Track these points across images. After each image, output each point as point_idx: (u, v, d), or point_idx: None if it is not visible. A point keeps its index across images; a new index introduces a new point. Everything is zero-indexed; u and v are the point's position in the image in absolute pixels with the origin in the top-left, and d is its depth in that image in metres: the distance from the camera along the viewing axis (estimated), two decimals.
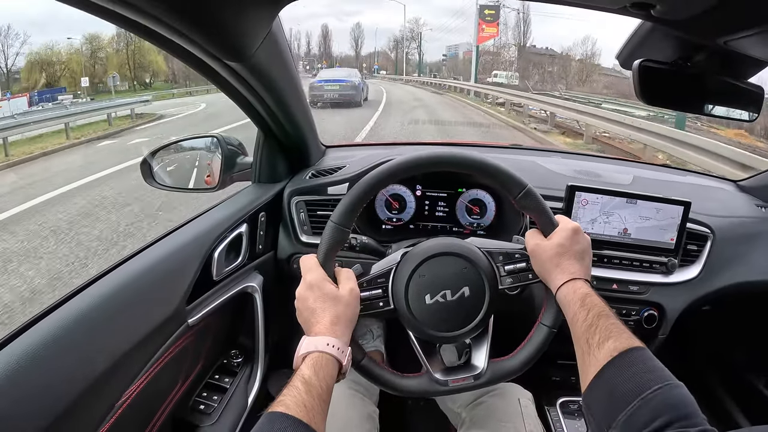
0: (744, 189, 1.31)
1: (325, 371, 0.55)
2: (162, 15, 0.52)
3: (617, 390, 0.50)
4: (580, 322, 0.58)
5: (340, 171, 1.08)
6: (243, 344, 1.00)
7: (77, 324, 0.61)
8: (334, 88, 12.13)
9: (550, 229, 0.68)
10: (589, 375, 0.54)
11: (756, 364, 1.33)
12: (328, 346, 0.57)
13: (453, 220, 1.08)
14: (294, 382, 0.52)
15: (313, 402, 0.50)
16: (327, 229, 0.66)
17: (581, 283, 0.63)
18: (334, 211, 0.66)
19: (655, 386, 0.48)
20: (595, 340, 0.55)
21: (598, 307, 0.59)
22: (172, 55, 0.66)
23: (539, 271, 0.67)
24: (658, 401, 0.47)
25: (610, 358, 0.52)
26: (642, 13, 0.67)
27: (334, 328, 0.59)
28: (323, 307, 0.60)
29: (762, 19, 0.54)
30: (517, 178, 0.69)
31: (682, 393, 0.48)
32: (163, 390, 0.79)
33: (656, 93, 0.81)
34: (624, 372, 0.51)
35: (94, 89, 28.13)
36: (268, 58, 0.73)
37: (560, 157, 1.31)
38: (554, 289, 0.65)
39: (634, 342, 0.54)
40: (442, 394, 0.69)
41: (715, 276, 1.07)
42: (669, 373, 0.51)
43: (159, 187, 1.01)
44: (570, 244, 0.65)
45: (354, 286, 0.64)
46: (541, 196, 0.69)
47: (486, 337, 0.71)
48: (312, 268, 0.64)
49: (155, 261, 0.77)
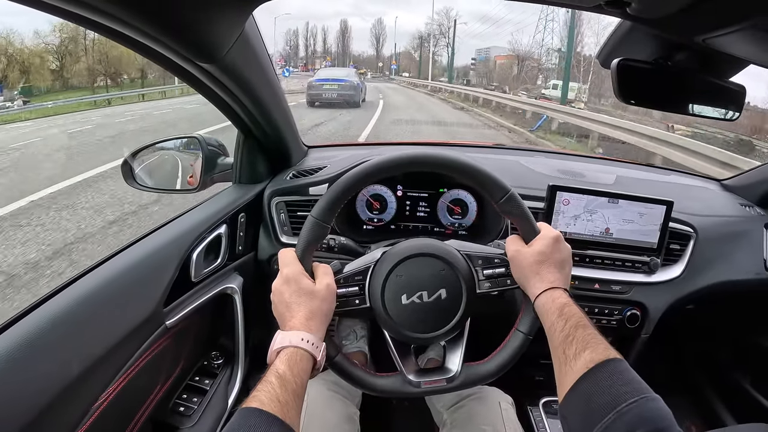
0: (728, 188, 1.31)
1: (299, 366, 0.54)
2: (128, 18, 0.52)
3: (593, 402, 0.49)
4: (557, 332, 0.58)
5: (321, 171, 1.07)
6: (223, 345, 0.99)
7: (53, 326, 0.60)
8: (333, 88, 11.83)
9: (532, 235, 0.67)
10: (565, 386, 0.53)
11: (742, 363, 1.34)
12: (302, 341, 0.56)
13: (434, 220, 1.08)
14: (268, 377, 0.52)
15: (287, 397, 0.50)
16: (306, 224, 0.65)
17: (560, 292, 0.62)
18: (314, 207, 0.66)
19: (631, 399, 0.47)
20: (571, 350, 0.55)
21: (575, 317, 0.58)
22: (142, 55, 0.65)
23: (518, 277, 0.67)
24: (633, 414, 0.46)
25: (586, 370, 0.52)
26: (617, 11, 0.67)
27: (309, 323, 0.58)
28: (299, 302, 0.60)
29: (739, 17, 0.54)
30: (500, 182, 0.68)
31: (658, 406, 0.47)
32: (142, 392, 0.79)
33: (635, 92, 0.80)
34: (600, 384, 0.50)
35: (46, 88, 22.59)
36: (241, 59, 0.73)
37: (544, 157, 1.31)
38: (532, 297, 0.64)
39: (611, 353, 0.53)
40: (414, 396, 0.69)
41: (698, 275, 1.07)
42: (645, 385, 0.50)
43: (140, 188, 1.00)
44: (550, 252, 0.64)
45: (331, 282, 0.64)
46: (523, 202, 0.68)
47: (461, 340, 0.70)
48: (289, 263, 0.63)
49: (132, 263, 0.76)
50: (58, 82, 24.37)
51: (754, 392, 1.28)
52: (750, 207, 1.22)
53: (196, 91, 0.80)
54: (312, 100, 11.76)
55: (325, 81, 12.07)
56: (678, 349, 1.49)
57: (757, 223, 1.18)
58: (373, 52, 59.85)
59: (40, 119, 12.05)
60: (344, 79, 12.16)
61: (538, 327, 0.65)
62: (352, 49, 59.77)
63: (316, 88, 11.80)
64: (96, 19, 0.51)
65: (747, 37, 0.60)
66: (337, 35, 59.40)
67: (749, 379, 1.31)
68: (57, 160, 5.76)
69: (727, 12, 0.55)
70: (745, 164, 3.86)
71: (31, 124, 10.80)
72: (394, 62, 53.43)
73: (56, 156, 6.26)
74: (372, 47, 60.11)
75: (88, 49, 25.61)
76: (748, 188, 1.26)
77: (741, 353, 1.34)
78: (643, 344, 1.07)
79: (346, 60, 55.71)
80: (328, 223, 0.66)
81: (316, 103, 11.59)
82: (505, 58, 42.62)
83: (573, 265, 1.00)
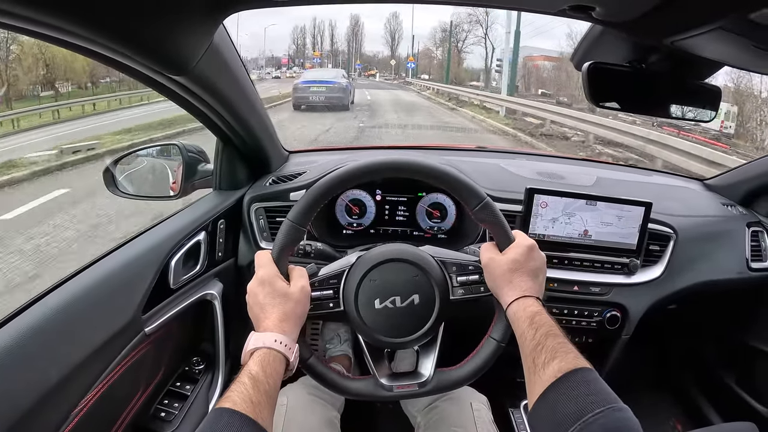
0: (710, 188, 1.31)
1: (272, 367, 0.55)
2: (91, 34, 0.52)
3: (559, 412, 0.49)
4: (528, 340, 0.58)
5: (301, 177, 1.08)
6: (204, 351, 1.00)
7: (31, 335, 0.61)
8: (320, 90, 11.15)
9: (506, 243, 0.67)
10: (534, 395, 0.54)
11: (727, 361, 1.34)
12: (275, 343, 0.57)
13: (413, 224, 1.08)
14: (241, 378, 0.53)
15: (260, 397, 0.51)
16: (283, 227, 0.66)
17: (532, 300, 0.62)
18: (291, 210, 0.66)
19: (597, 409, 0.47)
20: (541, 359, 0.55)
21: (546, 326, 0.58)
22: (111, 67, 0.65)
23: (491, 285, 0.67)
24: (598, 425, 0.46)
25: (554, 379, 0.52)
26: (583, 16, 0.67)
27: (283, 325, 0.59)
28: (273, 303, 0.61)
29: (705, 20, 0.54)
30: (475, 189, 0.68)
31: (624, 417, 0.47)
32: (123, 398, 0.80)
33: (607, 94, 0.81)
34: (567, 393, 0.50)
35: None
36: (213, 69, 0.73)
37: (524, 159, 1.31)
38: (505, 305, 0.64)
39: (580, 363, 0.53)
40: (386, 399, 0.70)
41: (678, 275, 1.07)
42: (614, 395, 0.50)
43: (122, 195, 1.01)
44: (524, 261, 0.64)
45: (305, 284, 0.64)
46: (498, 210, 0.68)
47: (434, 345, 0.71)
48: (265, 264, 0.64)
49: (109, 272, 0.77)
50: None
51: (739, 390, 1.29)
52: (732, 206, 1.23)
53: (170, 100, 0.80)
54: (298, 104, 11.08)
55: (312, 83, 11.41)
56: (663, 349, 1.49)
57: (739, 223, 1.18)
58: (388, 52, 49.67)
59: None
60: (332, 81, 11.54)
61: (511, 334, 0.65)
62: (365, 49, 51.35)
63: (303, 91, 11.17)
64: (60, 36, 0.52)
65: (716, 39, 0.59)
66: (347, 33, 50.80)
67: (734, 377, 1.32)
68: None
69: (694, 14, 0.55)
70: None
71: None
72: (411, 59, 39.13)
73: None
74: (387, 45, 49.69)
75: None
76: (730, 188, 1.26)
77: (726, 352, 1.35)
78: (624, 345, 1.07)
79: (351, 60, 48.12)
80: (304, 226, 0.67)
81: (303, 106, 10.96)
82: (545, 59, 32.12)
83: (552, 267, 1.01)
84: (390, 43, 48.72)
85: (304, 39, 51.61)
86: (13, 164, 5.68)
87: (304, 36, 50.58)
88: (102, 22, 0.51)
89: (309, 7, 17.72)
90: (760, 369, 1.25)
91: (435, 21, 47.83)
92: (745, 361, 1.29)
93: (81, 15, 0.48)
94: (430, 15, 72.14)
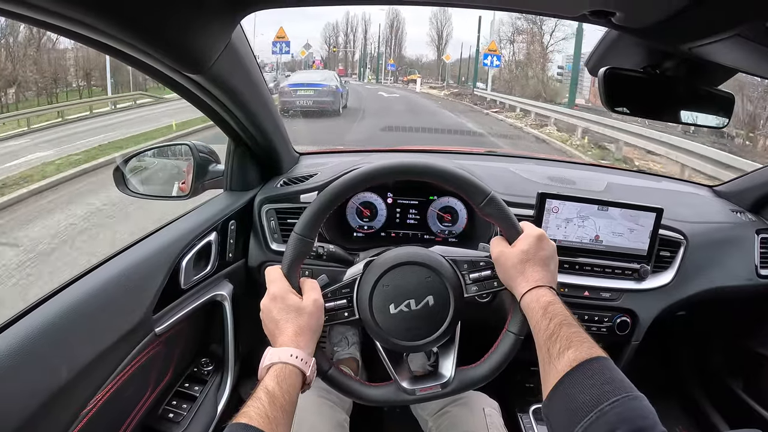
0: (719, 194, 1.31)
1: (288, 382, 0.55)
2: (112, 30, 0.52)
3: (575, 401, 0.49)
4: (542, 330, 0.58)
5: (312, 179, 1.08)
6: (213, 352, 1.00)
7: (42, 334, 0.61)
8: (308, 94, 10.15)
9: (515, 236, 0.67)
10: (549, 385, 0.53)
11: (734, 368, 1.34)
12: (291, 357, 0.57)
13: (424, 227, 1.08)
14: (258, 394, 0.53)
15: (276, 413, 0.51)
16: (290, 240, 0.66)
17: (545, 290, 0.62)
18: (298, 222, 0.66)
19: (613, 398, 0.47)
20: (555, 349, 0.54)
21: (560, 315, 0.58)
22: (130, 65, 0.65)
23: (504, 278, 0.67)
24: (615, 413, 0.46)
25: (569, 369, 0.52)
26: (603, 21, 0.68)
27: (298, 339, 0.59)
28: (287, 318, 0.61)
29: (724, 27, 0.54)
30: (479, 185, 0.68)
31: (641, 405, 0.47)
32: (132, 398, 0.79)
33: (623, 100, 0.81)
34: (582, 383, 0.50)
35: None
36: (229, 69, 0.73)
37: (534, 164, 1.31)
38: (518, 296, 0.64)
39: (594, 351, 0.53)
40: (410, 403, 0.70)
41: (689, 282, 1.07)
42: (629, 383, 0.50)
43: (131, 195, 1.01)
44: (534, 251, 0.64)
45: (318, 297, 0.64)
46: (504, 203, 0.68)
47: (453, 345, 0.71)
48: (275, 280, 0.64)
49: (121, 270, 0.77)
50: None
51: (746, 398, 1.29)
52: (741, 213, 1.23)
53: (185, 99, 0.80)
54: (285, 108, 9.97)
55: (300, 86, 10.30)
56: (671, 355, 1.49)
57: (749, 229, 1.18)
58: (433, 55, 35.61)
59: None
60: (321, 84, 10.48)
61: (528, 327, 0.65)
62: (406, 51, 37.50)
63: (289, 95, 10.12)
64: (81, 32, 0.52)
65: (733, 46, 0.60)
66: (384, 30, 36.66)
67: (742, 384, 1.31)
68: None
69: (712, 21, 0.55)
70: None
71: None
72: (491, 48, 18.49)
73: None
74: (431, 46, 35.66)
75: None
76: (739, 194, 1.26)
77: (733, 359, 1.34)
78: (634, 351, 1.07)
79: (381, 60, 34.99)
80: (312, 237, 0.67)
81: (291, 111, 9.95)
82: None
83: (563, 272, 1.01)
84: (435, 42, 35.02)
85: (337, 39, 44.90)
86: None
87: (336, 34, 40.42)
88: (122, 19, 0.51)
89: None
90: (767, 376, 1.24)
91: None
92: (752, 368, 1.29)
93: (102, 10, 0.48)
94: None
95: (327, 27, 39.10)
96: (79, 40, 0.56)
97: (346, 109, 11.49)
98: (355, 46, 37.48)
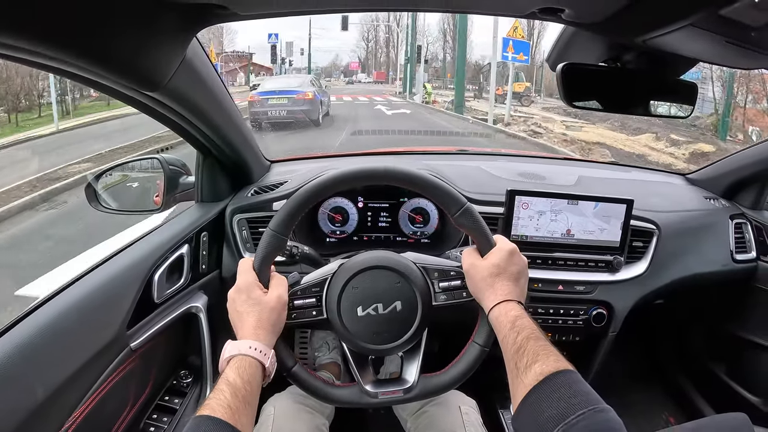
0: (692, 182, 1.32)
1: (249, 372, 0.57)
2: (61, 55, 0.52)
3: (542, 415, 0.49)
4: (509, 344, 0.58)
5: (283, 186, 1.08)
6: (192, 364, 1.00)
7: (16, 354, 0.61)
8: (281, 103, 8.78)
9: (487, 248, 0.67)
10: (517, 399, 0.54)
11: (716, 353, 1.35)
12: (250, 349, 0.59)
13: (396, 230, 1.09)
14: (219, 386, 0.55)
15: (237, 403, 0.52)
16: (264, 236, 0.67)
17: (513, 304, 0.62)
18: (272, 219, 0.67)
19: (579, 411, 0.47)
20: (522, 363, 0.55)
21: (528, 329, 0.58)
22: (82, 84, 0.65)
23: (473, 290, 0.67)
24: (581, 427, 0.46)
25: (536, 382, 0.52)
26: (553, 18, 0.68)
27: (257, 332, 0.61)
28: (248, 311, 0.62)
29: (676, 17, 0.54)
30: (455, 195, 0.68)
31: (607, 417, 0.48)
32: (111, 414, 0.79)
33: (584, 94, 0.81)
34: (549, 396, 0.51)
35: None
36: (187, 83, 0.73)
37: (506, 161, 1.32)
38: (486, 309, 0.64)
39: (561, 365, 0.53)
40: (371, 406, 0.70)
41: (663, 270, 1.08)
42: (596, 396, 0.50)
43: (104, 211, 1.01)
44: (506, 266, 0.65)
45: (282, 293, 0.65)
46: (479, 215, 0.68)
47: (418, 351, 0.71)
48: (244, 272, 0.66)
49: (93, 288, 0.77)
50: None
51: (730, 381, 1.30)
52: (715, 200, 1.24)
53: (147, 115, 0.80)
54: (256, 120, 8.65)
55: (271, 94, 8.94)
56: (652, 344, 1.50)
57: (723, 215, 1.19)
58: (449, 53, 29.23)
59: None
60: (296, 91, 9.06)
61: (494, 339, 0.66)
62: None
63: (260, 104, 8.80)
64: (25, 57, 0.52)
65: (688, 36, 0.60)
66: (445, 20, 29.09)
67: (725, 368, 1.33)
68: None
69: (663, 13, 0.55)
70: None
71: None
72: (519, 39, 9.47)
73: None
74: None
75: None
76: (712, 181, 1.27)
77: (715, 343, 1.35)
78: (613, 342, 1.08)
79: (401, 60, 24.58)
80: (286, 235, 0.67)
81: (262, 123, 8.70)
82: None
83: (536, 267, 1.01)
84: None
85: (376, 34, 35.10)
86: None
87: (377, 36, 35.01)
88: (69, 42, 0.50)
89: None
90: (749, 359, 1.26)
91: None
92: (734, 353, 1.30)
93: (46, 35, 0.48)
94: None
95: (364, 20, 31.67)
96: (27, 64, 0.56)
97: (327, 117, 10.28)
98: (399, 42, 28.62)
